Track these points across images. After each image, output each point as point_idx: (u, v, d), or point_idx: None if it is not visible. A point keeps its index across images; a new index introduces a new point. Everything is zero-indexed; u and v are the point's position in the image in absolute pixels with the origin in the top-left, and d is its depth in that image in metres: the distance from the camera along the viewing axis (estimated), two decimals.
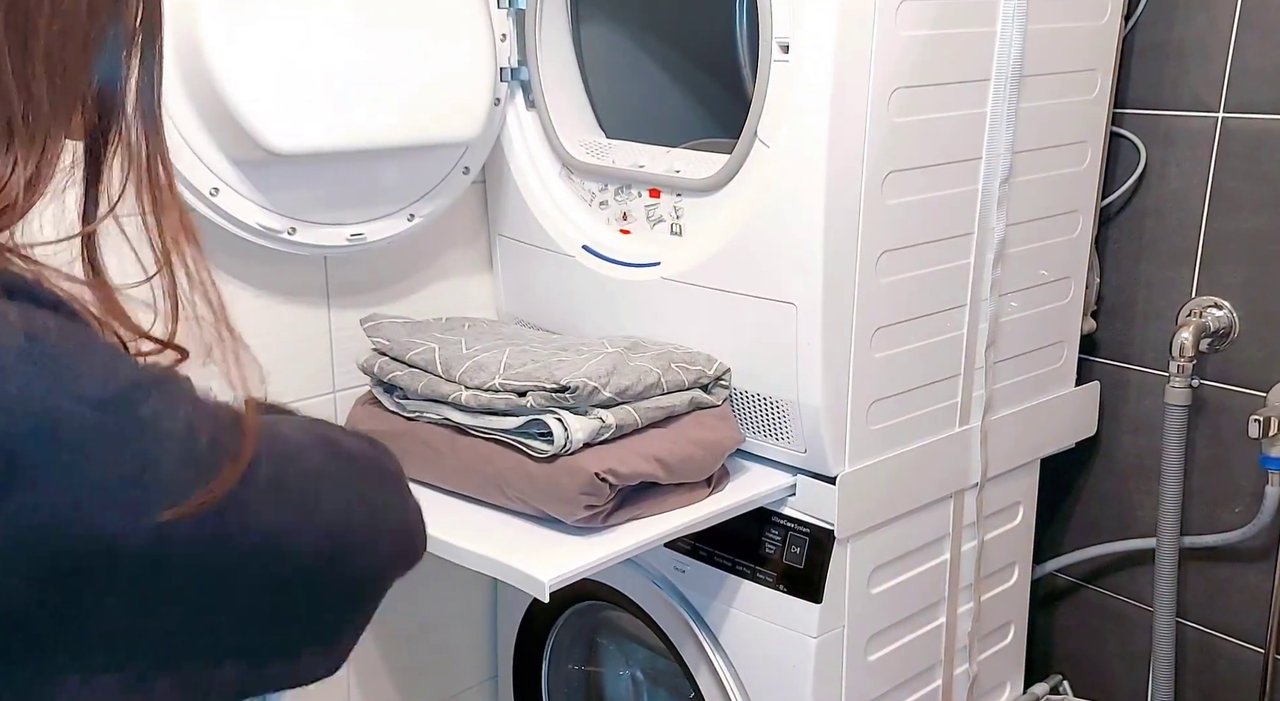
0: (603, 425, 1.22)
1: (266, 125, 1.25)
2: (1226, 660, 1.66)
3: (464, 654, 1.77)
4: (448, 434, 1.30)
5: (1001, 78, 1.33)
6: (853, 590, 1.36)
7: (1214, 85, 1.54)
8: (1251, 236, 1.54)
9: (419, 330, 1.40)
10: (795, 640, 1.34)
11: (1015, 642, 1.68)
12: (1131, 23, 1.58)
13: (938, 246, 1.34)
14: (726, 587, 1.38)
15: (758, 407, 1.34)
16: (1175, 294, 1.62)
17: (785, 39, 1.22)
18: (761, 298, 1.29)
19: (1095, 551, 1.75)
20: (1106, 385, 1.70)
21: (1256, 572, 1.60)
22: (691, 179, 1.36)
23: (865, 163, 1.23)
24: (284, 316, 1.44)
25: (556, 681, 1.69)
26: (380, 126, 1.36)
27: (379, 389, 1.39)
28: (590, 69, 1.55)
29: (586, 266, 1.46)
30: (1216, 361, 1.59)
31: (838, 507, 1.31)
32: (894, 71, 1.22)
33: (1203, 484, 1.63)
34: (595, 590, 1.48)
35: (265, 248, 1.36)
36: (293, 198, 1.36)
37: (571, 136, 1.50)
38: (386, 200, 1.45)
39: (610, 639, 1.69)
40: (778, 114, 1.24)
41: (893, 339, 1.33)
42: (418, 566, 0.69)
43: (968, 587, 1.53)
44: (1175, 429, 1.56)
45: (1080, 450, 1.70)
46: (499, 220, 1.60)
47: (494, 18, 1.45)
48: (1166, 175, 1.61)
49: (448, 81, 1.41)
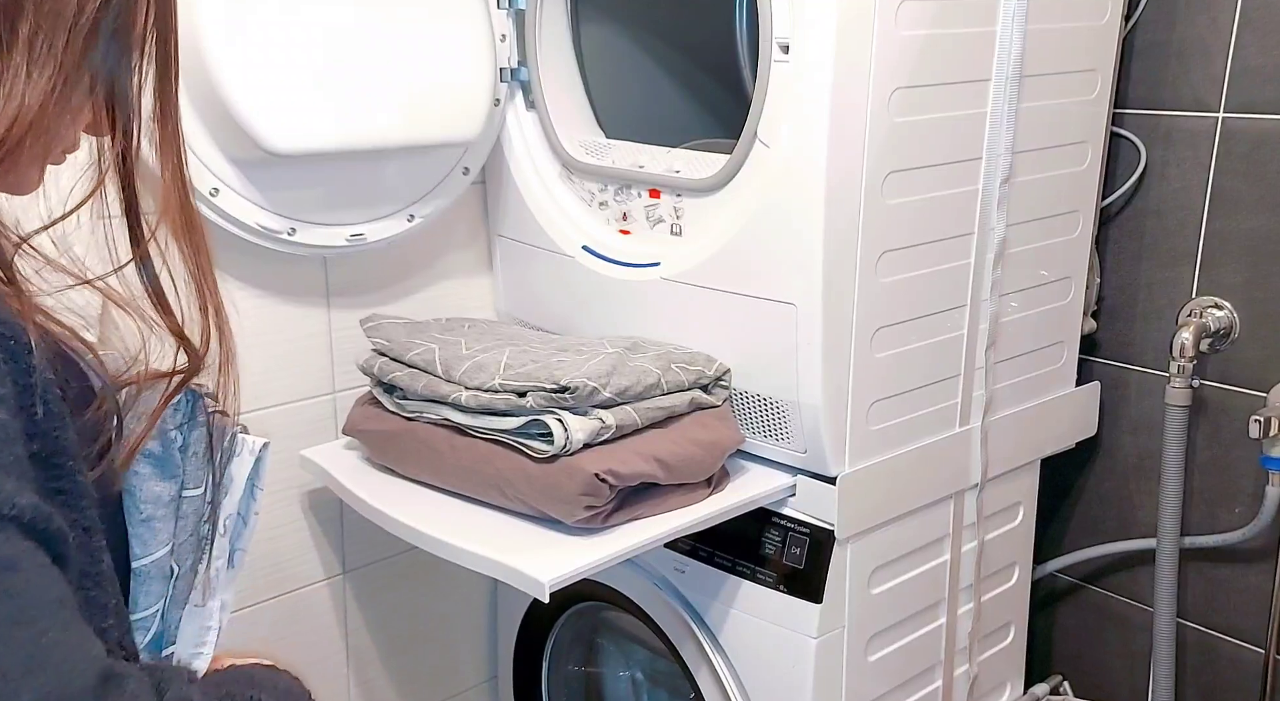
0: (603, 425, 1.22)
1: (266, 125, 1.25)
2: (1226, 660, 1.66)
3: (464, 654, 1.77)
4: (447, 434, 1.30)
5: (1001, 78, 1.33)
6: (853, 590, 1.36)
7: (1214, 85, 1.54)
8: (1251, 236, 1.54)
9: (419, 330, 1.40)
10: (795, 640, 1.34)
11: (1015, 643, 1.68)
12: (1131, 23, 1.58)
13: (938, 246, 1.34)
14: (726, 588, 1.38)
15: (758, 408, 1.34)
16: (1175, 294, 1.62)
17: (785, 39, 1.22)
18: (761, 298, 1.29)
19: (1095, 551, 1.75)
20: (1107, 385, 1.70)
21: (1256, 572, 1.60)
22: (691, 179, 1.36)
23: (865, 163, 1.23)
24: (284, 317, 1.44)
25: (556, 682, 1.69)
26: (380, 127, 1.36)
27: (379, 389, 1.39)
28: (590, 69, 1.55)
29: (586, 267, 1.46)
30: (1216, 361, 1.59)
31: (838, 508, 1.31)
32: (894, 71, 1.22)
33: (1203, 484, 1.63)
34: (595, 590, 1.48)
35: (265, 248, 1.36)
36: (292, 198, 1.36)
37: (571, 137, 1.50)
38: (386, 200, 1.45)
39: (610, 639, 1.69)
40: (778, 114, 1.24)
41: (893, 339, 1.33)
42: (418, 566, 0.69)
43: (968, 588, 1.53)
44: (1175, 429, 1.56)
45: (1080, 450, 1.70)
46: (499, 221, 1.60)
47: (494, 18, 1.45)
48: (1166, 175, 1.61)
49: (448, 82, 1.41)
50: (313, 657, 1.58)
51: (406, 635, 1.69)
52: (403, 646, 1.69)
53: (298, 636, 1.54)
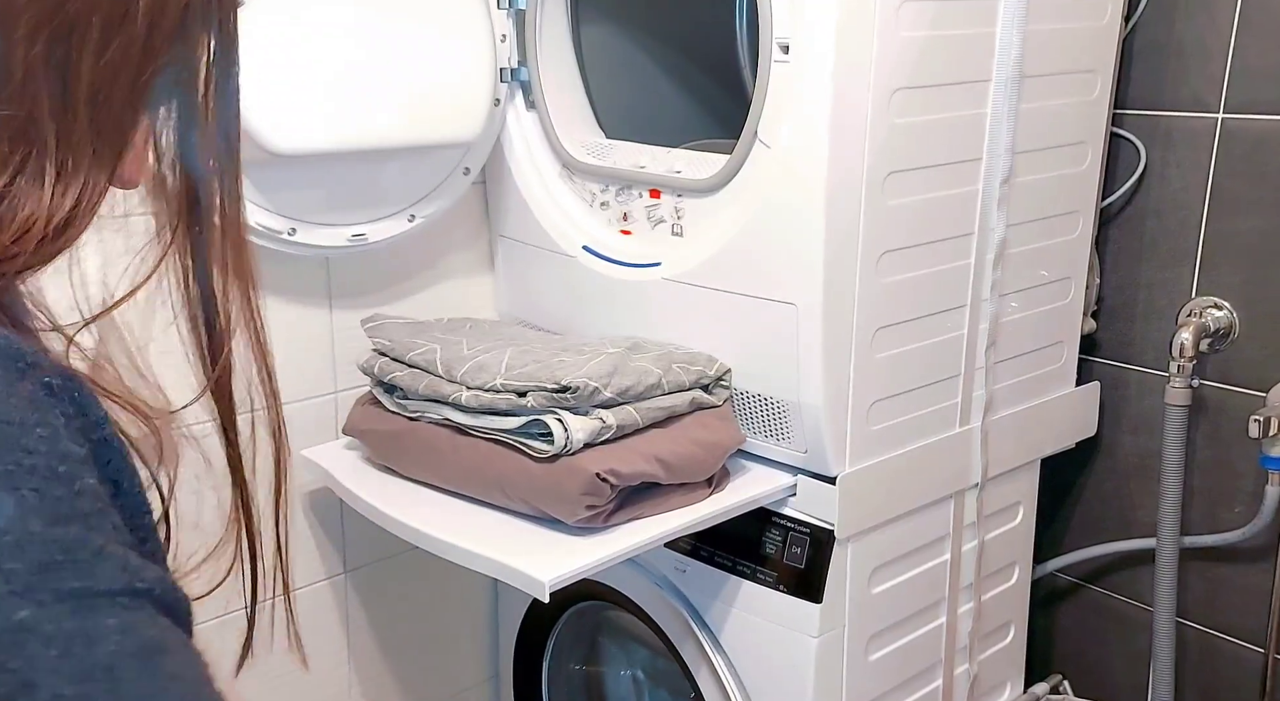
0: (603, 425, 1.22)
1: (267, 126, 1.25)
2: (1226, 660, 1.66)
3: (464, 653, 1.77)
4: (449, 434, 1.30)
5: (1001, 78, 1.33)
6: (853, 590, 1.36)
7: (1214, 85, 1.54)
8: (1251, 237, 1.54)
9: (420, 331, 1.41)
10: (795, 640, 1.34)
11: (1015, 642, 1.68)
12: (1131, 23, 1.58)
13: (938, 247, 1.35)
14: (727, 588, 1.38)
15: (758, 408, 1.34)
16: (1175, 294, 1.62)
17: (785, 39, 1.22)
18: (762, 298, 1.29)
19: (1095, 551, 1.75)
20: (1106, 385, 1.70)
21: (1256, 572, 1.60)
22: (692, 179, 1.36)
23: (865, 163, 1.23)
24: (285, 317, 1.44)
25: (557, 681, 1.69)
26: (381, 127, 1.36)
27: (380, 389, 1.39)
28: (590, 69, 1.56)
29: (587, 267, 1.47)
30: (1216, 361, 1.59)
31: (838, 508, 1.31)
32: (894, 72, 1.22)
33: (1203, 484, 1.63)
34: (596, 590, 1.48)
35: (266, 248, 1.36)
36: (293, 198, 1.36)
37: (572, 137, 1.50)
38: (387, 201, 1.45)
39: (611, 639, 1.69)
40: (778, 114, 1.24)
41: (893, 339, 1.33)
42: (419, 566, 0.67)
43: (968, 587, 1.53)
44: (1175, 429, 1.56)
45: (1080, 450, 1.70)
46: (500, 221, 1.60)
47: (494, 18, 1.45)
48: (1166, 176, 1.61)
49: (448, 82, 1.41)
50: (314, 657, 1.58)
51: (407, 634, 1.69)
52: (403, 646, 1.69)
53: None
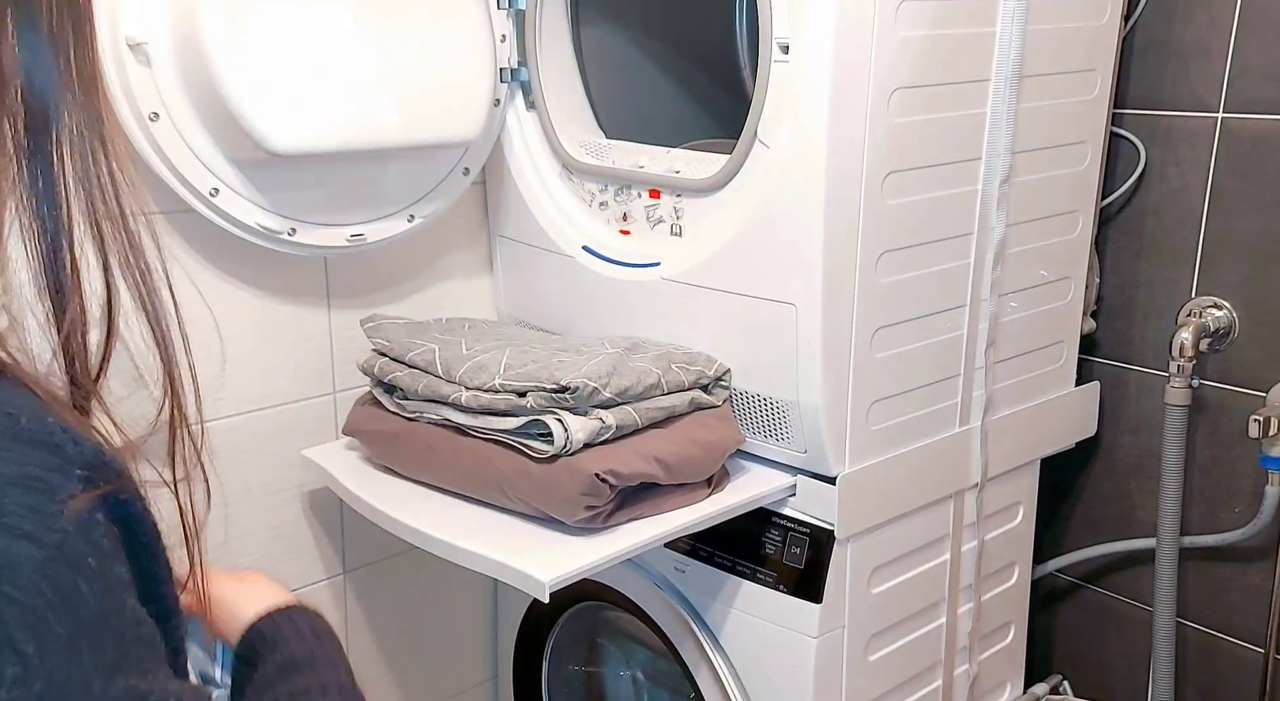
0: (603, 426, 1.22)
1: (267, 126, 1.25)
2: (1226, 660, 1.66)
3: (464, 653, 1.77)
4: (448, 434, 1.30)
5: (1001, 78, 1.33)
6: (853, 590, 1.36)
7: (1214, 85, 1.54)
8: (1251, 236, 1.54)
9: (419, 331, 1.40)
10: (795, 640, 1.34)
11: (1015, 642, 1.68)
12: (1131, 23, 1.58)
13: (938, 247, 1.35)
14: (727, 588, 1.38)
15: (758, 408, 1.34)
16: (1175, 294, 1.62)
17: (785, 39, 1.22)
18: (761, 298, 1.29)
19: (1095, 551, 1.75)
20: (1106, 385, 1.70)
21: (1256, 572, 1.60)
22: (691, 179, 1.36)
23: (865, 163, 1.23)
24: (284, 317, 1.44)
25: (557, 681, 1.69)
26: (380, 127, 1.36)
27: (379, 389, 1.39)
28: (590, 69, 1.55)
29: (587, 267, 1.47)
30: (1216, 361, 1.59)
31: (838, 508, 1.31)
32: (894, 72, 1.22)
33: (1203, 484, 1.63)
34: (595, 590, 1.48)
35: (265, 248, 1.36)
36: (293, 198, 1.36)
37: (571, 137, 1.50)
38: (387, 201, 1.45)
39: (610, 639, 1.69)
40: (778, 114, 1.24)
41: (893, 339, 1.33)
42: (418, 567, 0.67)
43: (968, 587, 1.53)
44: (1175, 429, 1.56)
45: (1080, 450, 1.70)
46: (499, 221, 1.60)
47: (494, 18, 1.45)
48: (1166, 175, 1.61)
49: (448, 82, 1.41)
50: None
51: (407, 635, 1.69)
52: (403, 646, 1.69)
53: None
